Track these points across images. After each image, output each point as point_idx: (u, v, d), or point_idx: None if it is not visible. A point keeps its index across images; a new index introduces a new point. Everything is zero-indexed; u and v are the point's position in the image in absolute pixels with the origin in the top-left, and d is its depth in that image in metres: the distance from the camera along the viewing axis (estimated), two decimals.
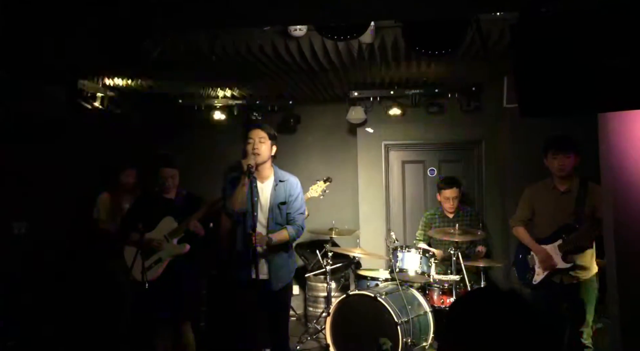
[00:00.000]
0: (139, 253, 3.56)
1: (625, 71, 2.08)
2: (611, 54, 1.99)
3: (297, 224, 3.65)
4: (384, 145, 6.05)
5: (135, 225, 3.67)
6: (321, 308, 5.49)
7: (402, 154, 6.16)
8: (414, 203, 6.12)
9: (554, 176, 3.80)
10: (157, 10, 2.32)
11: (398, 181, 6.17)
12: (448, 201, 5.05)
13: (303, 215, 3.70)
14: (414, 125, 5.88)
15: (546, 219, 3.84)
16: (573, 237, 3.66)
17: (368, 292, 4.30)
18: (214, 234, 3.97)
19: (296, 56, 3.99)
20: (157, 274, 3.71)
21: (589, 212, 3.65)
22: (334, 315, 4.41)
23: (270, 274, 3.59)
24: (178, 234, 3.77)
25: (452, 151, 6.05)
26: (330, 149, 6.34)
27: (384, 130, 5.98)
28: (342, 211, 6.10)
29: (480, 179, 5.84)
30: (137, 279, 3.60)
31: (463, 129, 5.77)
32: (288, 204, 3.64)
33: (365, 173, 6.07)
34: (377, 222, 5.99)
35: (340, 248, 5.16)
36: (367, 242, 5.82)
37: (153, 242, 3.72)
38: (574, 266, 3.67)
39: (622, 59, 1.99)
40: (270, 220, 3.61)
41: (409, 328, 4.14)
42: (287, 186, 3.67)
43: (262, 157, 3.51)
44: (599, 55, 2.08)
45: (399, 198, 6.17)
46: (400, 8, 2.22)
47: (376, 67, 4.56)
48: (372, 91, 5.66)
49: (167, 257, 3.74)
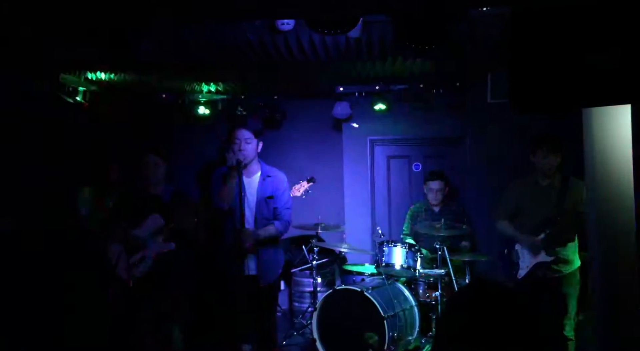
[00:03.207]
0: (123, 251, 3.52)
1: (615, 65, 2.10)
2: (601, 47, 2.02)
3: (284, 219, 3.66)
4: (370, 140, 6.07)
5: (120, 222, 3.63)
6: (307, 303, 5.50)
7: (388, 149, 6.18)
8: (399, 197, 6.15)
9: (539, 172, 3.86)
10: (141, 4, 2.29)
11: (383, 176, 6.19)
12: (432, 192, 5.11)
13: (290, 210, 3.71)
14: (400, 120, 5.90)
15: (529, 213, 3.91)
16: (555, 231, 3.72)
17: (354, 287, 4.32)
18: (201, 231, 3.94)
19: (283, 51, 3.96)
20: (143, 272, 3.67)
21: (571, 206, 3.72)
22: (320, 310, 4.41)
23: (258, 270, 3.59)
24: (164, 232, 3.73)
25: (437, 146, 6.09)
26: (315, 144, 6.32)
27: (369, 125, 5.99)
28: (328, 207, 6.10)
29: (465, 174, 5.89)
30: (122, 277, 3.55)
31: (448, 124, 5.80)
32: (275, 198, 3.65)
33: (350, 168, 6.08)
34: (362, 217, 6.01)
35: (326, 244, 5.17)
36: (353, 237, 5.84)
37: (138, 240, 3.68)
38: (557, 260, 3.74)
39: (612, 52, 2.01)
40: (258, 215, 3.62)
41: (395, 322, 4.17)
42: (273, 181, 3.69)
43: (249, 157, 3.52)
44: (590, 50, 2.10)
45: (384, 193, 6.19)
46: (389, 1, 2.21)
47: (362, 62, 4.56)
48: (358, 87, 5.66)
49: (152, 255, 3.70)
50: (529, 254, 3.85)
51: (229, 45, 3.87)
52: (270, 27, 3.67)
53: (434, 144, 6.07)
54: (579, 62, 2.04)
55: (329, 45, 3.86)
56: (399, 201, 6.13)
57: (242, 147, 3.50)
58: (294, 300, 5.83)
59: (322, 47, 3.92)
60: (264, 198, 3.64)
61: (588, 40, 2.04)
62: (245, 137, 3.53)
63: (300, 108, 6.24)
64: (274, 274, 3.69)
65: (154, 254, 3.69)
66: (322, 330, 4.39)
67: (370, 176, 6.09)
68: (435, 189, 5.10)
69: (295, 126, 6.32)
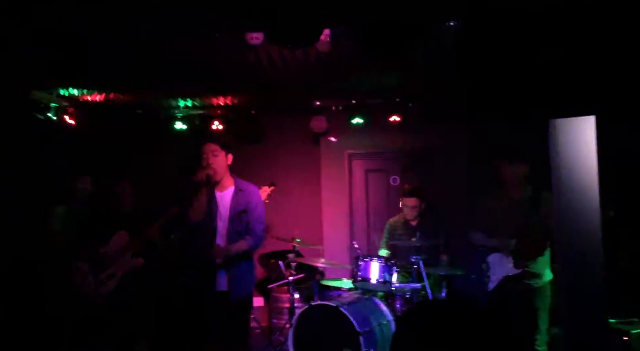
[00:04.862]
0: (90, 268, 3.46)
1: (570, 76, 2.12)
2: (556, 53, 2.03)
3: (257, 234, 3.61)
4: (348, 154, 6.07)
5: (87, 239, 3.57)
6: (285, 319, 5.43)
7: (365, 163, 6.19)
8: (377, 211, 6.14)
9: (506, 183, 3.87)
10: None
11: (361, 189, 6.18)
12: (408, 208, 5.11)
13: (263, 224, 3.67)
14: (377, 134, 5.92)
15: (499, 226, 3.90)
16: (523, 244, 3.72)
17: (330, 302, 4.27)
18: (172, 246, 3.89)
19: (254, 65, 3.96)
20: (110, 289, 3.60)
21: (541, 219, 3.71)
22: (296, 326, 4.35)
23: (229, 286, 3.54)
24: (132, 248, 3.68)
25: (414, 158, 6.10)
26: (294, 158, 6.31)
27: (347, 139, 6.00)
28: (306, 221, 6.07)
29: (442, 185, 5.90)
30: (89, 295, 3.48)
31: (424, 136, 5.83)
32: (248, 212, 3.61)
33: (328, 182, 6.07)
34: (340, 231, 5.98)
35: (303, 258, 5.12)
36: (331, 251, 5.81)
37: (106, 256, 3.62)
38: (526, 273, 3.73)
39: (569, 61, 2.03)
40: (231, 229, 3.57)
41: (371, 337, 4.11)
42: (246, 195, 3.65)
43: (217, 170, 3.48)
44: (544, 58, 2.12)
45: (362, 207, 6.18)
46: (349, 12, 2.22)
47: (336, 76, 4.57)
48: (334, 101, 5.67)
49: (120, 271, 3.64)
50: (499, 267, 3.84)
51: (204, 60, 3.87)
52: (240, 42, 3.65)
53: (411, 156, 6.07)
54: (535, 72, 2.05)
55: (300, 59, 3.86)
56: (377, 214, 6.12)
57: (210, 161, 3.46)
58: (273, 317, 5.76)
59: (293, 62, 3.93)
60: (236, 212, 3.60)
61: (543, 50, 2.06)
62: (212, 150, 3.49)
63: (278, 122, 6.23)
64: (246, 290, 3.63)
65: (122, 271, 3.63)
66: (299, 347, 4.32)
67: (348, 189, 6.08)
68: (411, 206, 5.10)
69: (273, 141, 6.30)
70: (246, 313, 3.71)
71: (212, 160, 3.48)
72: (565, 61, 2.17)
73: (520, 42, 2.19)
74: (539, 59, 2.17)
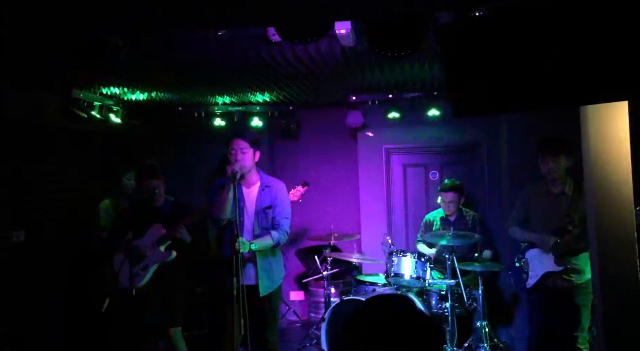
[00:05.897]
0: (126, 260, 3.59)
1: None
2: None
3: (282, 229, 3.63)
4: (385, 149, 5.99)
5: (123, 232, 3.70)
6: (322, 313, 5.44)
7: (404, 157, 6.09)
8: (415, 206, 6.04)
9: (545, 178, 3.72)
10: None
11: (399, 184, 6.10)
12: (446, 203, 5.03)
13: (288, 219, 3.69)
14: (414, 128, 5.81)
15: (540, 221, 3.77)
16: (565, 240, 3.56)
17: (360, 297, 4.25)
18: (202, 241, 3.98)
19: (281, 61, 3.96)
20: (145, 281, 3.72)
21: (583, 214, 3.54)
22: (328, 321, 4.36)
23: (257, 280, 3.58)
24: (165, 241, 3.78)
25: (454, 153, 5.96)
26: (331, 153, 6.29)
27: (384, 134, 5.93)
28: (343, 216, 6.06)
29: (482, 181, 5.73)
30: (125, 286, 3.61)
31: (463, 131, 5.67)
32: (273, 208, 3.64)
33: (366, 177, 6.01)
34: (378, 226, 5.92)
35: (338, 253, 5.11)
36: (368, 246, 5.77)
37: (140, 249, 3.74)
38: (567, 269, 3.57)
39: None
40: (256, 225, 3.62)
41: None
42: (272, 191, 3.68)
43: (244, 167, 3.52)
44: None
45: (400, 202, 6.09)
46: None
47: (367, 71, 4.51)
48: (370, 95, 5.59)
49: (154, 264, 3.75)
50: (539, 263, 3.69)
51: None
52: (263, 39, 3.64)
53: (450, 151, 5.94)
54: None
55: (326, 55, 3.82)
56: (416, 209, 6.02)
57: (238, 157, 3.51)
58: (311, 311, 5.79)
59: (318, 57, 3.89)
60: (262, 207, 3.64)
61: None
62: (241, 147, 3.53)
63: (315, 118, 6.23)
64: (274, 285, 3.66)
65: (156, 263, 3.74)
66: (331, 340, 4.32)
67: (386, 184, 6.01)
68: (448, 201, 5.02)
69: (310, 136, 6.31)
70: (275, 307, 3.74)
71: (240, 156, 3.52)
72: (593, 43, 2.04)
73: (547, 24, 2.08)
74: (566, 42, 2.05)
